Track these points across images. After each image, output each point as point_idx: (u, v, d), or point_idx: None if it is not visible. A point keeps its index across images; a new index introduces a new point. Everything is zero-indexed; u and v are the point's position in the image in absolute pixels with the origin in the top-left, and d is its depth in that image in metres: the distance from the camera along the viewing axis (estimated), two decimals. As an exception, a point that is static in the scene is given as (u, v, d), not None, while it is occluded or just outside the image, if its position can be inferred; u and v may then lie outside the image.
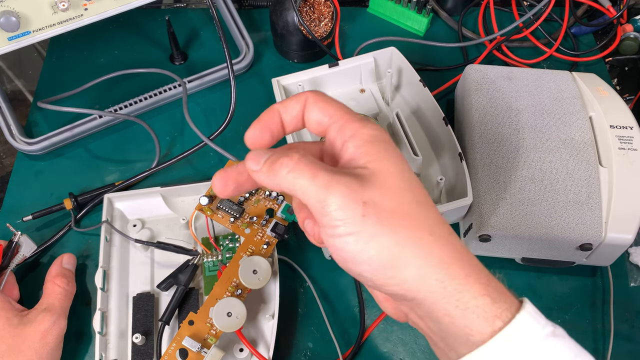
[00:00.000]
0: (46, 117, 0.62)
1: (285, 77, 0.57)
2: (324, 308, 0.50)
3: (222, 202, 0.47)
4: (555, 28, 0.69)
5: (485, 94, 0.54)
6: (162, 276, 0.48)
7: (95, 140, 0.61)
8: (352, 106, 0.59)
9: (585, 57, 0.67)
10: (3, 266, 0.48)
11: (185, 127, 0.61)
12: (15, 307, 0.45)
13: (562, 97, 0.53)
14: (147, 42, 0.68)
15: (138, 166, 0.59)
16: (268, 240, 0.46)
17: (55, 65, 0.66)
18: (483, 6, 0.71)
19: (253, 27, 0.69)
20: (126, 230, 0.52)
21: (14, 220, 0.54)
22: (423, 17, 0.68)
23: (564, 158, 0.49)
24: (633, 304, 0.51)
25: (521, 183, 0.48)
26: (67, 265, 0.50)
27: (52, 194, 0.57)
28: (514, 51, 0.68)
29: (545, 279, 0.53)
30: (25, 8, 0.49)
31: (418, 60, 0.66)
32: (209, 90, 0.64)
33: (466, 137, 0.53)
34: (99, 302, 0.47)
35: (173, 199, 0.54)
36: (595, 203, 0.47)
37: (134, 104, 0.61)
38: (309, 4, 0.64)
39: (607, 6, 0.68)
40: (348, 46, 0.68)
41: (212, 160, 0.59)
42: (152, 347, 0.46)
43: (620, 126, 0.52)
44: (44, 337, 0.43)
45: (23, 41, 0.51)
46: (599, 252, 0.48)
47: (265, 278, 0.44)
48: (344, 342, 0.49)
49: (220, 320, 0.42)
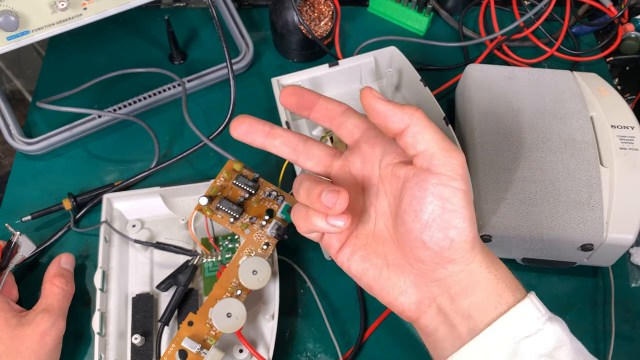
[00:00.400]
0: (45, 117, 0.62)
1: (285, 77, 0.57)
2: (324, 308, 0.50)
3: (222, 203, 0.47)
4: (556, 27, 0.69)
5: (486, 93, 0.54)
6: (162, 277, 0.48)
7: (95, 140, 0.60)
8: (352, 106, 0.59)
9: (586, 57, 0.67)
10: (2, 266, 0.48)
11: (185, 127, 0.61)
12: (14, 307, 0.45)
13: (563, 96, 0.53)
14: (147, 41, 0.68)
15: (137, 166, 0.59)
16: (268, 241, 0.46)
17: (55, 65, 0.66)
18: (484, 5, 0.71)
19: (253, 27, 0.69)
20: (125, 230, 0.52)
21: (12, 221, 0.54)
22: (423, 17, 0.68)
23: (565, 158, 0.49)
24: (634, 304, 0.51)
25: (522, 183, 0.48)
26: (66, 265, 0.49)
27: (51, 194, 0.57)
28: (514, 51, 0.68)
29: (546, 280, 0.53)
30: (24, 7, 0.49)
31: (418, 60, 0.66)
32: (209, 90, 0.64)
33: (467, 136, 0.53)
34: (98, 303, 0.47)
35: (172, 199, 0.54)
36: (597, 203, 0.47)
37: (133, 104, 0.60)
38: (309, 3, 0.64)
39: (608, 6, 0.68)
40: (348, 46, 0.68)
41: (211, 160, 0.59)
42: (152, 347, 0.46)
43: (622, 126, 0.51)
44: (42, 338, 0.43)
45: (22, 41, 0.51)
46: (600, 253, 0.48)
47: (265, 279, 0.44)
48: (344, 342, 0.49)
49: (220, 321, 0.42)
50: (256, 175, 0.48)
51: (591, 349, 0.49)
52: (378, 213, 0.35)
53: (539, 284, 0.52)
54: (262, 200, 0.48)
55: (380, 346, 0.49)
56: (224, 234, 0.51)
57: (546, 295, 0.52)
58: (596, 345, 0.49)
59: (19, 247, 0.50)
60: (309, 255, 0.53)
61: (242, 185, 0.48)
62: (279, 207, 0.47)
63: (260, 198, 0.48)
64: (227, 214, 0.47)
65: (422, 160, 0.31)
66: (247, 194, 0.48)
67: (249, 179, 0.48)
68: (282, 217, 0.47)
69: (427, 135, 0.31)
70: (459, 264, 0.32)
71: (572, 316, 0.51)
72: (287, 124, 0.53)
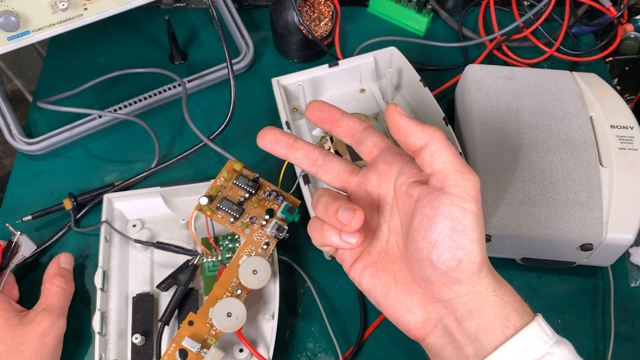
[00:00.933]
0: (46, 117, 0.62)
1: (285, 77, 0.57)
2: (324, 308, 0.50)
3: (222, 202, 0.47)
4: (555, 28, 0.69)
5: (485, 93, 0.54)
6: (162, 276, 0.48)
7: (95, 140, 0.60)
8: (352, 106, 0.59)
9: (585, 57, 0.67)
10: (2, 266, 0.48)
11: (185, 127, 0.61)
12: (15, 307, 0.45)
13: (563, 97, 0.53)
14: (147, 41, 0.68)
15: (138, 166, 0.59)
16: (268, 241, 0.46)
17: (55, 65, 0.66)
18: (483, 6, 0.71)
19: (253, 27, 0.69)
20: (126, 230, 0.52)
21: (13, 220, 0.54)
22: (423, 17, 0.68)
23: (565, 158, 0.49)
24: (633, 304, 0.51)
25: (521, 183, 0.48)
26: (65, 265, 0.49)
27: (51, 194, 0.57)
28: (514, 51, 0.68)
29: (546, 279, 0.53)
30: (25, 8, 0.49)
31: (418, 60, 0.66)
32: (209, 90, 0.64)
33: (466, 137, 0.53)
34: (98, 303, 0.47)
35: (173, 199, 0.54)
36: (596, 203, 0.47)
37: (133, 104, 0.60)
38: (309, 4, 0.64)
39: (608, 6, 0.68)
40: (348, 46, 0.68)
41: (211, 160, 0.59)
42: (152, 347, 0.46)
43: (621, 126, 0.51)
44: (43, 337, 0.43)
45: (22, 41, 0.51)
46: (599, 252, 0.48)
47: (265, 278, 0.44)
48: (344, 342, 0.49)
49: (220, 321, 0.42)
50: (256, 175, 0.48)
51: (591, 348, 0.49)
52: (391, 231, 0.36)
53: (539, 284, 0.52)
54: (262, 200, 0.48)
55: (380, 346, 0.49)
56: (224, 234, 0.51)
57: (546, 295, 0.52)
58: (596, 345, 0.49)
59: (20, 247, 0.50)
60: (309, 255, 0.53)
61: (242, 185, 0.48)
62: (279, 207, 0.47)
63: (260, 198, 0.48)
64: (227, 214, 0.47)
65: (436, 180, 0.32)
66: (247, 194, 0.48)
67: (249, 179, 0.48)
68: (282, 217, 0.47)
69: (444, 156, 0.32)
70: (465, 286, 0.32)
71: (571, 316, 0.51)
72: (287, 124, 0.53)
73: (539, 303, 0.51)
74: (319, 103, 0.38)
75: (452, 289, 0.32)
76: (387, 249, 0.36)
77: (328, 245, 0.35)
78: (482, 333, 0.32)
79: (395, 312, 0.35)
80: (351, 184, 0.37)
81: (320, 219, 0.35)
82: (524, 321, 0.32)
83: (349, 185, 0.38)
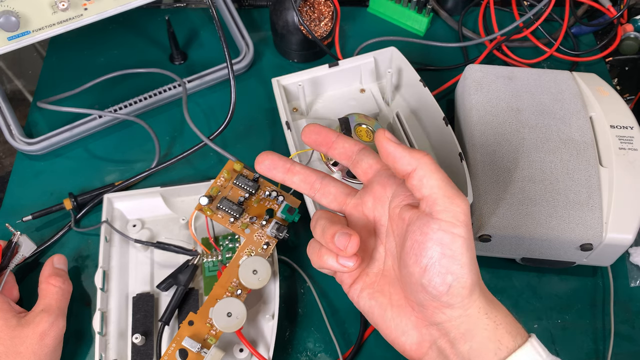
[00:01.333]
0: (46, 117, 0.62)
1: (285, 77, 0.57)
2: (324, 308, 0.50)
3: (222, 202, 0.47)
4: (555, 28, 0.69)
5: (485, 93, 0.54)
6: (162, 276, 0.48)
7: (95, 140, 0.60)
8: (352, 106, 0.59)
9: (585, 57, 0.67)
10: (2, 266, 0.48)
11: (185, 127, 0.61)
12: (14, 308, 0.45)
13: (563, 97, 0.53)
14: (147, 42, 0.68)
15: (138, 166, 0.59)
16: (268, 241, 0.46)
17: (55, 65, 0.66)
18: (483, 6, 0.71)
19: (253, 27, 0.69)
20: (126, 230, 0.52)
21: (13, 220, 0.54)
22: (423, 17, 0.68)
23: (564, 158, 0.49)
24: (633, 304, 0.51)
25: (521, 183, 0.48)
26: (59, 265, 0.49)
27: (51, 194, 0.57)
28: (514, 51, 0.68)
29: (546, 279, 0.53)
30: (25, 8, 0.49)
31: (418, 60, 0.66)
32: (209, 90, 0.64)
33: (466, 137, 0.53)
34: (98, 303, 0.47)
35: (173, 199, 0.54)
36: (596, 203, 0.47)
37: (133, 104, 0.61)
38: (309, 4, 0.64)
39: (608, 6, 0.68)
40: (348, 46, 0.68)
41: (211, 160, 0.59)
42: (152, 347, 0.46)
43: (621, 126, 0.51)
44: (42, 338, 0.43)
45: (23, 41, 0.51)
46: (599, 252, 0.48)
47: (265, 278, 0.44)
48: (344, 342, 0.49)
49: (220, 321, 0.42)
50: (256, 175, 0.48)
51: (591, 348, 0.49)
52: (387, 253, 0.37)
53: (539, 284, 0.52)
54: (262, 200, 0.48)
55: (380, 346, 0.49)
56: (224, 234, 0.51)
57: (546, 295, 0.52)
58: (595, 345, 0.49)
59: (20, 247, 0.50)
60: (309, 255, 0.53)
61: (242, 185, 0.48)
62: (279, 207, 0.47)
63: (260, 198, 0.48)
64: (228, 214, 0.47)
65: (425, 205, 0.32)
66: (247, 193, 0.48)
67: (249, 179, 0.48)
68: (282, 217, 0.47)
69: (433, 181, 0.32)
70: (457, 309, 0.32)
71: (571, 316, 0.51)
72: (287, 124, 0.53)
73: (539, 303, 0.51)
74: (314, 126, 0.38)
75: (444, 312, 0.32)
76: (384, 271, 0.37)
77: (326, 268, 0.35)
78: (475, 356, 0.32)
79: (391, 333, 0.35)
80: (348, 206, 0.38)
81: (318, 242, 0.36)
82: (517, 343, 0.32)
83: (346, 208, 0.38)
